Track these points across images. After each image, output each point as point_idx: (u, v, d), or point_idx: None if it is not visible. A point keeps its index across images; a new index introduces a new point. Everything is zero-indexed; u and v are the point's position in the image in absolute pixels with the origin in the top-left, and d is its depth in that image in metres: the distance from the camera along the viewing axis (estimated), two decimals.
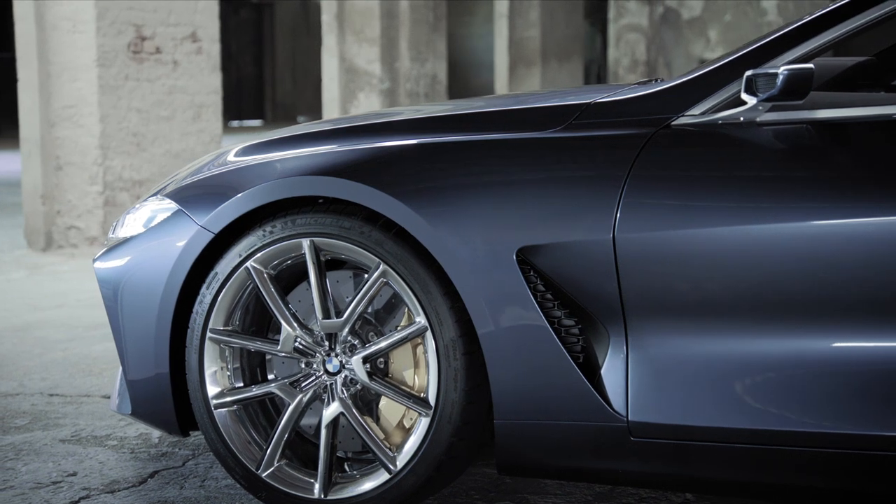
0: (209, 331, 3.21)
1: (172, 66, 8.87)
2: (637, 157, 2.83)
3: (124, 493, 3.41)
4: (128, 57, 8.51)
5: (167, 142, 8.85)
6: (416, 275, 2.99)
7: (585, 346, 2.89)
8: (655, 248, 2.78)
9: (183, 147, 8.98)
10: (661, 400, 2.81)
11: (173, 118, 8.91)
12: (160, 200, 3.35)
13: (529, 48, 14.25)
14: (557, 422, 2.90)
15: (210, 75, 9.21)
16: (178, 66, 8.91)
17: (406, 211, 2.96)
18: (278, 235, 3.13)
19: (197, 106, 9.12)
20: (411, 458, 3.04)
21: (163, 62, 8.78)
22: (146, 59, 8.65)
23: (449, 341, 2.97)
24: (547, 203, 2.88)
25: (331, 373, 3.15)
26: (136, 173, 8.58)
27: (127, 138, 8.52)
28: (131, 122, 8.55)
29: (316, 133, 3.30)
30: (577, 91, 3.49)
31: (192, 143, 9.08)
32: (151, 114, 8.71)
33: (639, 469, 2.87)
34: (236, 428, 3.23)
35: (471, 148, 3.02)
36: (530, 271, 2.87)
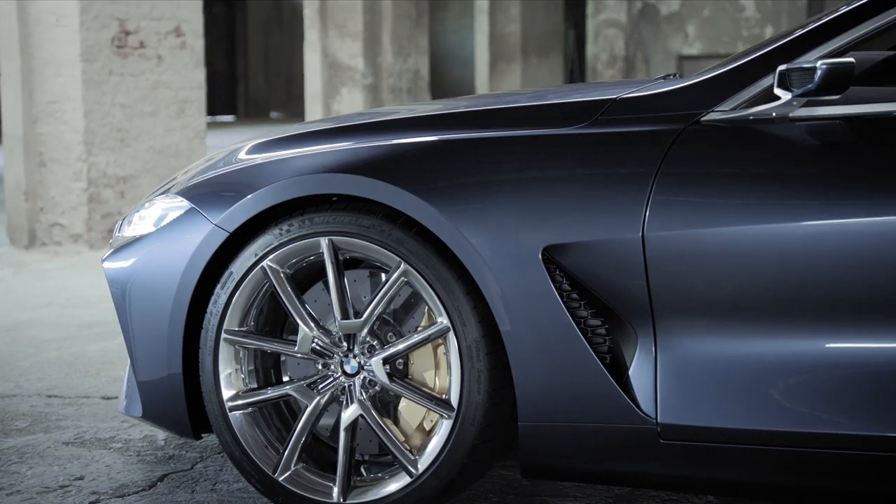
0: (224, 331, 3.14)
1: (156, 60, 8.77)
2: (666, 154, 2.77)
3: (134, 498, 3.34)
4: (112, 52, 8.41)
5: (151, 137, 8.76)
6: (439, 274, 2.93)
7: (612, 347, 2.83)
8: (686, 246, 2.73)
9: (167, 143, 8.89)
10: (691, 401, 2.75)
11: (157, 113, 8.82)
12: (171, 198, 3.28)
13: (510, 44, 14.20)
14: (584, 424, 2.84)
15: (194, 70, 9.12)
16: (162, 61, 8.82)
17: (428, 209, 2.89)
18: (295, 234, 3.06)
19: (181, 101, 9.03)
20: (433, 461, 2.98)
21: (147, 57, 8.69)
22: (130, 53, 8.56)
23: (472, 342, 2.91)
24: (573, 201, 2.82)
25: (349, 374, 3.09)
26: (120, 169, 8.48)
27: (111, 134, 8.42)
28: (115, 117, 8.45)
29: (331, 130, 3.24)
30: (599, 87, 3.43)
31: (177, 139, 8.99)
32: (135, 109, 8.62)
33: (668, 472, 2.82)
34: (252, 431, 3.16)
35: (494, 144, 2.96)
36: (556, 270, 2.81)
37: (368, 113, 3.56)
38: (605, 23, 16.76)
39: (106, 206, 8.37)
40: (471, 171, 2.93)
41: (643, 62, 17.04)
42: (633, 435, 2.80)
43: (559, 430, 2.87)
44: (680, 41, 17.31)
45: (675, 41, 17.27)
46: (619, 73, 16.05)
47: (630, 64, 16.84)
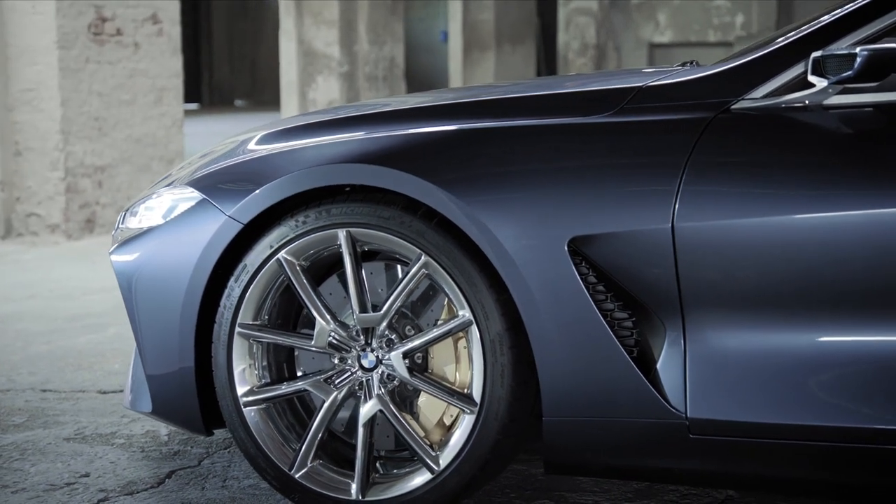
0: (238, 325, 3.07)
1: (133, 48, 8.66)
2: (696, 143, 2.72)
3: (144, 495, 3.27)
4: (88, 39, 8.29)
5: (129, 126, 8.65)
6: (461, 266, 2.87)
7: (639, 340, 2.78)
8: (717, 237, 2.68)
9: (145, 132, 8.79)
10: (721, 396, 2.71)
11: (135, 102, 8.71)
12: (181, 190, 3.20)
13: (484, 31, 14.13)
14: (610, 419, 2.79)
15: (171, 58, 9.02)
16: (139, 49, 8.71)
17: (451, 200, 2.83)
18: (312, 226, 2.99)
19: (158, 89, 8.92)
20: (455, 457, 2.92)
21: (124, 44, 8.58)
22: (107, 41, 8.44)
23: (495, 335, 2.85)
24: (600, 191, 2.77)
25: (366, 368, 3.02)
26: (98, 159, 8.37)
27: (88, 123, 8.31)
28: (92, 105, 8.34)
29: (347, 119, 3.17)
30: (620, 74, 3.37)
31: (154, 128, 8.89)
32: (113, 97, 8.51)
33: (697, 467, 2.78)
34: (267, 427, 3.10)
35: (518, 133, 2.90)
36: (582, 262, 2.76)
37: (383, 102, 3.50)
38: (577, 11, 16.72)
39: (83, 196, 8.26)
40: (494, 161, 2.87)
41: (614, 50, 17.02)
42: (661, 430, 2.75)
43: (584, 425, 2.82)
44: (651, 29, 17.29)
45: (646, 29, 17.25)
46: (591, 61, 16.02)
47: (601, 52, 16.81)
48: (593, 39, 16.46)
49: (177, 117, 9.11)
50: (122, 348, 4.97)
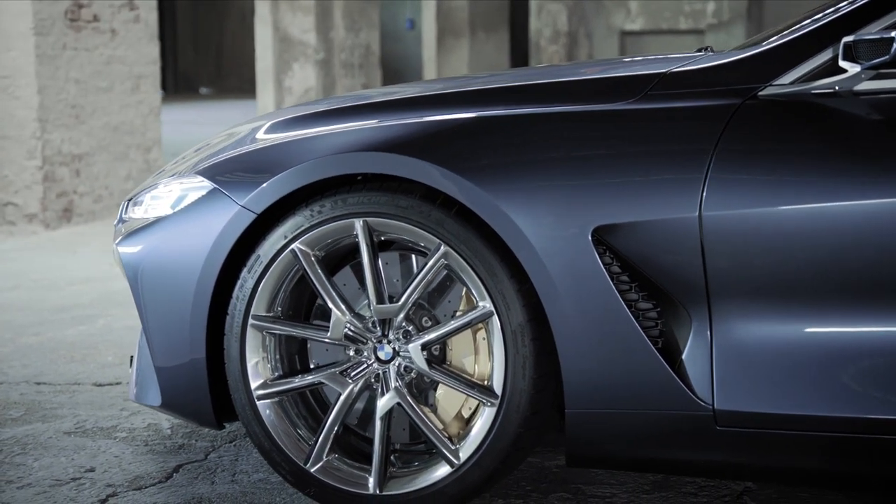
0: (251, 317, 3.01)
1: (111, 35, 8.56)
2: (724, 130, 2.68)
3: (153, 490, 3.20)
4: (65, 25, 8.18)
5: (106, 114, 8.55)
6: (481, 256, 2.82)
7: (664, 331, 2.74)
8: (745, 226, 2.64)
9: (122, 119, 8.69)
10: (749, 387, 2.67)
11: (112, 89, 8.61)
12: (190, 179, 3.13)
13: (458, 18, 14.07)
14: (635, 411, 2.75)
15: (148, 45, 8.92)
16: (116, 35, 8.61)
17: (472, 189, 2.78)
18: (328, 215, 2.94)
19: (135, 77, 8.83)
20: (476, 450, 2.88)
21: (101, 31, 8.47)
22: (84, 27, 8.33)
23: (517, 326, 2.81)
24: (625, 179, 2.72)
25: (383, 360, 2.97)
26: (75, 147, 8.27)
27: (66, 110, 8.20)
28: (70, 93, 8.23)
29: (361, 107, 3.11)
30: (639, 61, 3.32)
31: (132, 116, 8.79)
32: (90, 85, 8.41)
33: (723, 459, 2.74)
34: (281, 420, 3.04)
35: (540, 121, 2.85)
36: (605, 252, 2.71)
37: (399, 88, 3.44)
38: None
39: (61, 185, 8.15)
40: (516, 149, 2.82)
41: (586, 38, 16.98)
42: (687, 421, 2.71)
43: (608, 418, 2.78)
44: (622, 17, 17.27)
45: (617, 17, 17.23)
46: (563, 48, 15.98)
47: (573, 39, 16.77)
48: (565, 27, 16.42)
49: (154, 105, 9.02)
50: (114, 340, 4.90)
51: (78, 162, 8.28)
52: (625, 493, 3.13)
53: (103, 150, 8.50)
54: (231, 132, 3.54)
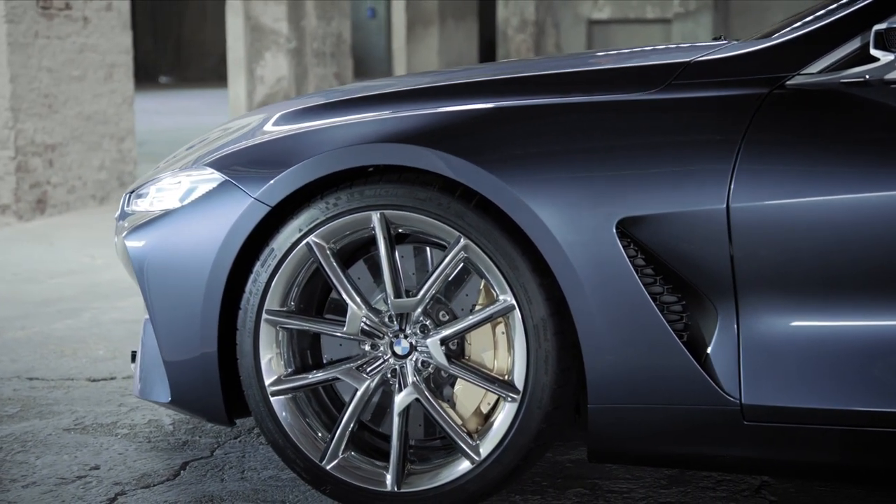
0: (265, 312, 2.95)
1: (83, 22, 8.45)
2: (752, 120, 2.64)
3: (162, 488, 3.14)
4: (37, 13, 8.06)
5: (79, 103, 8.44)
6: (502, 249, 2.78)
7: (689, 324, 2.71)
8: (773, 218, 2.60)
9: (95, 109, 8.58)
10: (776, 381, 2.64)
11: (85, 78, 8.50)
12: (199, 171, 3.06)
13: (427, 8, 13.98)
14: (660, 405, 2.71)
15: (121, 33, 8.81)
16: (88, 23, 8.49)
17: (493, 181, 2.73)
18: (344, 208, 2.88)
19: (108, 65, 8.72)
20: (497, 447, 2.83)
21: (73, 19, 8.36)
22: (56, 14, 8.22)
23: (539, 321, 2.77)
24: (651, 170, 2.68)
25: (399, 355, 2.92)
26: (48, 137, 8.15)
27: (38, 100, 8.09)
28: (42, 82, 8.12)
29: (376, 97, 3.06)
30: (661, 50, 3.27)
31: (105, 105, 8.68)
32: (63, 73, 8.29)
33: (751, 454, 2.71)
34: (295, 417, 2.99)
35: (562, 111, 2.80)
36: (630, 244, 2.67)
37: (413, 78, 3.38)
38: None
39: (34, 176, 8.03)
40: (538, 140, 2.78)
41: (553, 27, 16.95)
42: (713, 416, 2.68)
43: (632, 413, 2.74)
44: (589, 6, 17.24)
45: (584, 6, 17.20)
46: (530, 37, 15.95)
47: (540, 28, 16.73)
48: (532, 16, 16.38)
49: (127, 94, 8.91)
50: (103, 334, 4.82)
51: (51, 152, 8.17)
52: (642, 489, 3.10)
53: (77, 140, 8.39)
54: (227, 127, 3.48)
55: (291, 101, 3.49)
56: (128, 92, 8.90)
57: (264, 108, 3.55)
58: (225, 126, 3.55)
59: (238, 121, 3.54)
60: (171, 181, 3.15)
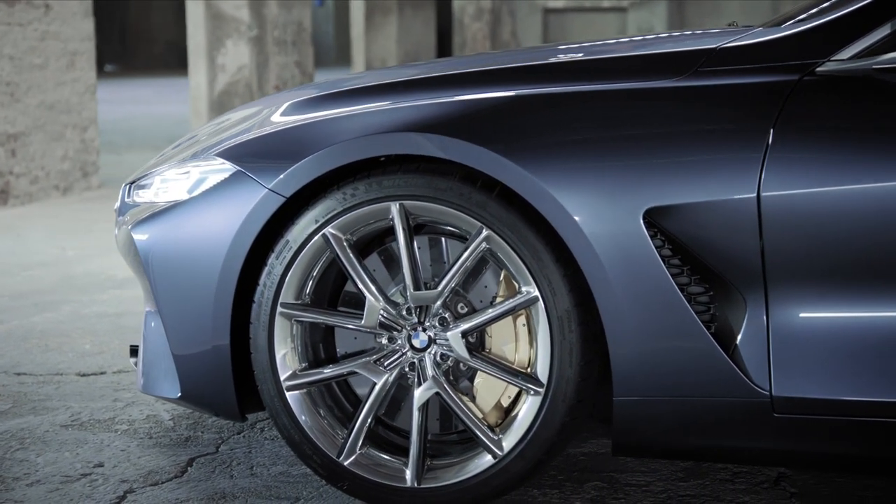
0: (280, 305, 2.89)
1: (45, 9, 8.30)
2: (783, 108, 2.60)
3: (171, 486, 3.07)
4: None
5: (42, 92, 8.30)
6: (525, 240, 2.73)
7: (717, 315, 2.67)
8: (805, 207, 2.57)
9: (58, 97, 8.44)
10: (807, 372, 2.61)
11: (47, 66, 8.36)
12: (209, 161, 2.99)
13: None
14: (687, 397, 2.68)
15: (83, 20, 8.68)
16: (50, 10, 8.35)
17: (517, 171, 2.68)
18: (361, 199, 2.82)
19: (71, 53, 8.58)
20: (520, 441, 2.79)
21: (34, 5, 8.21)
22: (17, 1, 8.06)
23: (563, 312, 2.72)
24: (679, 159, 2.64)
25: (417, 349, 2.87)
26: (10, 126, 8.01)
27: (0, 88, 7.93)
28: (4, 70, 7.97)
29: (393, 85, 2.99)
30: (681, 37, 3.22)
31: (67, 94, 8.55)
32: (24, 61, 8.15)
33: (780, 447, 2.68)
34: (311, 412, 2.93)
35: (586, 99, 2.76)
36: (657, 234, 2.63)
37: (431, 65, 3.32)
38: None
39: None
40: (562, 129, 2.73)
41: (509, 15, 16.91)
42: (743, 409, 2.65)
43: (659, 405, 2.70)
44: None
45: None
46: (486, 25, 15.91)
47: (496, 17, 16.68)
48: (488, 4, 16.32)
49: (90, 83, 8.78)
50: (86, 327, 4.72)
51: (14, 142, 8.03)
52: (660, 482, 3.06)
53: (39, 129, 8.25)
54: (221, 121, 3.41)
55: (292, 91, 3.42)
56: (90, 80, 8.77)
57: (261, 101, 3.48)
58: (218, 121, 3.48)
59: (233, 114, 3.47)
60: (177, 171, 3.08)
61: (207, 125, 3.53)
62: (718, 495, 2.97)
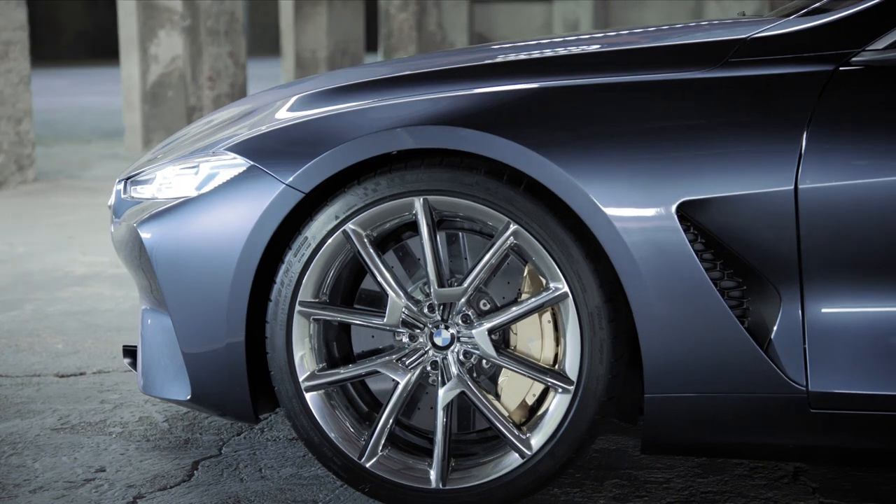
0: (298, 303, 2.81)
1: None
2: (819, 99, 2.57)
3: (181, 490, 2.98)
4: None
5: None
6: (555, 235, 2.68)
7: (749, 310, 2.64)
8: (843, 200, 2.54)
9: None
10: (845, 367, 2.59)
11: None
12: (219, 157, 2.89)
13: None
14: (721, 394, 2.64)
15: (16, 10, 8.47)
16: None
17: (547, 165, 2.63)
18: (384, 194, 2.75)
19: (3, 43, 8.37)
20: (549, 440, 2.74)
21: None
22: None
23: (594, 308, 2.68)
24: (713, 152, 2.60)
25: (439, 347, 2.80)
26: None
27: None
28: None
29: (412, 77, 2.91)
30: (703, 27, 3.16)
31: (1, 85, 8.33)
32: None
33: (817, 443, 2.65)
34: (331, 413, 2.85)
35: (616, 90, 2.71)
36: (690, 228, 2.59)
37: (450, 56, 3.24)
38: None
39: None
40: (592, 121, 2.68)
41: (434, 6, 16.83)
42: (779, 404, 2.62)
43: (691, 402, 2.66)
44: None
45: None
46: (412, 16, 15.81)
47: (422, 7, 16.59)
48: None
49: (24, 73, 8.56)
50: (54, 326, 4.59)
51: None
52: (679, 478, 3.03)
53: None
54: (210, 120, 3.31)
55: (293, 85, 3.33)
56: (24, 71, 8.55)
57: (254, 97, 3.39)
58: (206, 120, 3.38)
59: (219, 113, 3.38)
60: (182, 167, 2.98)
61: (195, 124, 3.44)
62: (741, 491, 2.95)
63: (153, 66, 10.38)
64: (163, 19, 10.27)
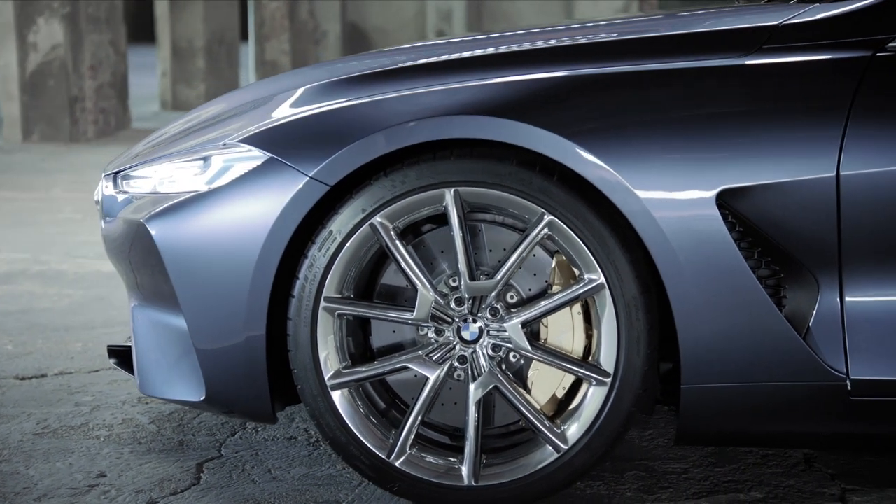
0: (324, 299, 2.72)
1: None
2: (860, 85, 2.57)
3: (193, 494, 2.87)
4: None
5: None
6: (591, 226, 2.64)
7: (787, 298, 2.63)
8: (885, 186, 2.55)
9: None
10: (885, 354, 2.60)
11: None
12: (232, 149, 2.78)
13: None
14: (760, 383, 2.63)
15: None
16: None
17: (583, 155, 2.59)
18: (412, 185, 2.68)
19: None
20: (585, 433, 2.70)
21: None
22: None
23: (631, 299, 2.65)
24: (753, 139, 2.58)
25: (467, 341, 2.74)
26: None
27: None
28: None
29: (438, 65, 2.83)
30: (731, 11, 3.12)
31: None
32: None
33: (857, 430, 2.67)
34: (357, 411, 2.77)
35: (651, 78, 2.67)
36: (728, 216, 2.58)
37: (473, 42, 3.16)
38: None
39: None
40: (627, 109, 2.64)
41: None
42: (819, 393, 2.62)
43: (730, 392, 2.65)
44: None
45: None
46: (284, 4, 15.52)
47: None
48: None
49: None
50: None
51: None
52: (697, 469, 3.02)
53: None
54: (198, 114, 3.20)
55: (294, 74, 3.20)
56: None
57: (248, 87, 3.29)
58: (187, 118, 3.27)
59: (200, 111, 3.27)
60: (186, 160, 2.87)
61: (176, 123, 3.31)
62: (761, 479, 2.95)
63: (32, 55, 10.07)
64: (41, 6, 9.97)
